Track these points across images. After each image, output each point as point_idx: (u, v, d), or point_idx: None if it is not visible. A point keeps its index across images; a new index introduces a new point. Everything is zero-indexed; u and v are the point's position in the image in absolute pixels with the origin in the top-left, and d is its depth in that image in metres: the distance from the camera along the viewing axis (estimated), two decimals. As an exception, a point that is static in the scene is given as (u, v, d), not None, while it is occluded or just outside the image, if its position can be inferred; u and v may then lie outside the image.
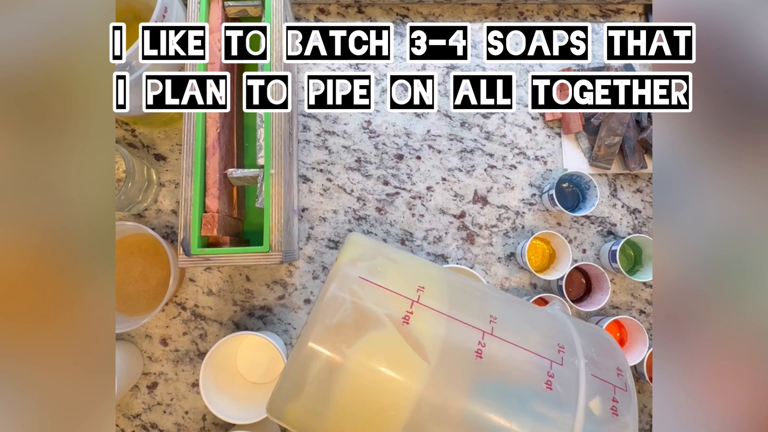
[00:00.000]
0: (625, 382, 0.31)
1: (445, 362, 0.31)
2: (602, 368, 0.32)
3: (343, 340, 0.32)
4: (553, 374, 0.30)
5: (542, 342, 0.33)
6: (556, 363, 0.31)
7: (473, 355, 0.31)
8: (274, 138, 0.52)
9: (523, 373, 0.31)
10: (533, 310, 0.39)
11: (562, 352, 0.32)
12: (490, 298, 0.37)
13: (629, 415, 0.29)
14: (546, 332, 0.34)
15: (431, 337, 0.32)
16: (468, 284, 0.39)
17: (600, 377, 0.31)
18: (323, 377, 0.31)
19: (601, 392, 0.30)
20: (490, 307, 0.35)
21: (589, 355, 0.33)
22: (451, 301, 0.34)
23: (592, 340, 0.35)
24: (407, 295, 0.34)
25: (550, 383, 0.30)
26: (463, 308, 0.34)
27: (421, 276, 0.36)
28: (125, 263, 0.59)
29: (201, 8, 0.53)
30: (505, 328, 0.33)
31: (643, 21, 0.69)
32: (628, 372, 0.32)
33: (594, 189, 0.60)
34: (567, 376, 0.31)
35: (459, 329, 0.32)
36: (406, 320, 0.32)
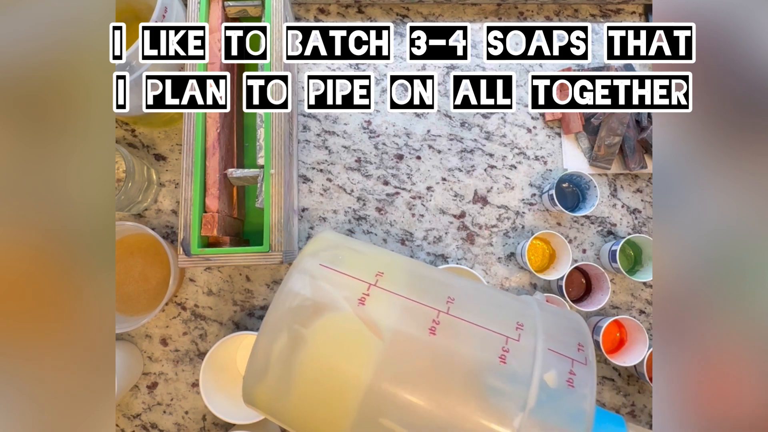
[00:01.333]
0: (585, 356, 0.31)
1: (398, 339, 0.32)
2: (561, 343, 0.32)
3: (302, 321, 0.33)
4: (508, 349, 0.31)
5: (500, 320, 0.33)
6: (512, 339, 0.32)
7: (427, 332, 0.32)
8: (274, 138, 0.52)
9: (477, 349, 0.31)
10: (497, 293, 0.39)
11: (521, 329, 0.33)
12: (452, 283, 0.38)
13: (587, 387, 0.29)
14: (506, 312, 0.35)
15: (386, 316, 0.33)
16: (432, 272, 0.39)
17: (558, 351, 0.31)
18: (284, 358, 0.33)
19: (558, 365, 0.30)
20: (449, 290, 0.36)
21: (549, 331, 0.33)
22: (410, 285, 0.35)
23: (555, 319, 0.35)
24: (365, 279, 0.35)
25: (504, 357, 0.31)
26: (422, 291, 0.35)
27: (382, 264, 0.37)
28: (125, 263, 0.59)
29: (201, 8, 0.54)
30: (463, 308, 0.34)
31: (643, 21, 0.69)
32: (590, 348, 0.33)
33: (594, 189, 0.60)
34: (523, 350, 0.31)
35: (414, 309, 0.33)
36: (362, 301, 0.34)
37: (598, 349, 0.58)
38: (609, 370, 0.62)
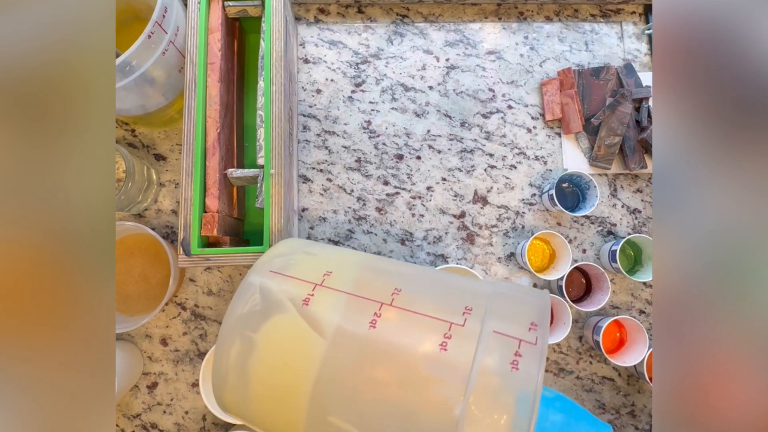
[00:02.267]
0: (536, 335, 0.30)
1: (340, 336, 0.32)
2: (511, 323, 0.31)
3: (251, 326, 0.34)
4: (450, 335, 0.31)
5: (447, 307, 0.33)
6: (456, 324, 0.31)
7: (367, 326, 0.32)
8: (274, 138, 0.52)
9: (418, 338, 0.31)
10: (452, 278, 0.38)
11: (468, 314, 0.32)
12: (404, 273, 0.38)
13: (533, 369, 0.28)
14: (456, 297, 0.34)
15: (329, 314, 0.33)
16: (385, 265, 0.39)
17: (504, 333, 0.30)
18: (239, 364, 0.34)
19: (502, 348, 0.29)
20: (398, 281, 0.36)
21: (501, 312, 0.32)
22: (357, 281, 0.35)
23: (512, 299, 0.34)
24: (312, 280, 0.36)
25: (445, 344, 0.30)
26: (368, 286, 0.35)
27: (333, 264, 0.38)
28: (125, 263, 0.59)
29: (201, 8, 0.54)
30: (408, 298, 0.34)
31: (643, 21, 0.69)
32: (544, 326, 0.31)
33: (594, 189, 0.60)
34: (466, 336, 0.31)
35: (357, 304, 0.33)
36: (306, 302, 0.34)
37: (598, 348, 0.58)
38: (609, 370, 0.62)
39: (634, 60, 0.68)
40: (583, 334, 0.62)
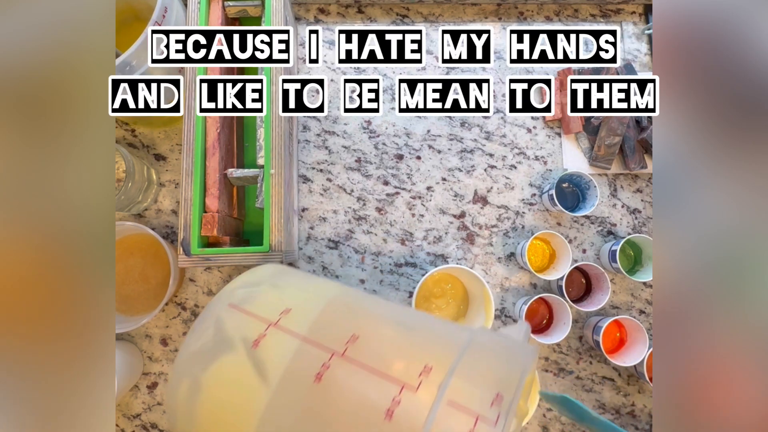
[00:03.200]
0: (498, 412, 0.25)
1: (284, 387, 0.29)
2: (473, 394, 0.26)
3: (200, 365, 0.31)
4: (399, 400, 0.26)
5: (404, 362, 0.29)
6: (409, 387, 0.27)
7: (313, 378, 0.28)
8: (274, 138, 0.52)
9: (363, 400, 0.27)
10: (426, 323, 0.34)
11: (425, 375, 0.27)
12: (370, 315, 0.34)
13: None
14: (419, 351, 0.30)
15: (276, 360, 0.30)
16: (357, 304, 0.35)
17: (462, 405, 0.26)
18: (186, 403, 0.31)
19: (455, 425, 0.25)
20: (358, 326, 0.31)
21: (466, 376, 0.27)
22: (316, 321, 0.32)
23: (484, 357, 0.29)
24: (268, 318, 0.32)
25: (392, 412, 0.26)
26: (326, 328, 0.31)
27: (295, 300, 0.34)
28: (125, 263, 0.59)
29: (201, 8, 0.54)
30: (364, 347, 0.30)
31: (643, 21, 0.69)
32: (510, 400, 0.26)
33: (594, 189, 0.60)
34: (416, 403, 0.26)
35: (308, 351, 0.30)
36: (257, 343, 0.31)
37: (598, 348, 0.58)
38: (609, 370, 0.62)
39: (634, 60, 0.68)
40: (583, 334, 0.62)
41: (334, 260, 0.62)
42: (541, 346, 0.62)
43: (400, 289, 0.62)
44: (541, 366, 0.61)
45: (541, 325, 0.62)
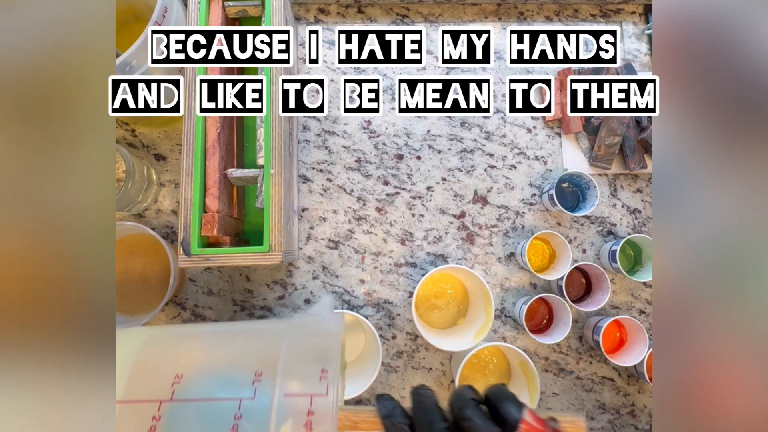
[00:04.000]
0: (326, 384, 0.28)
1: None
2: (302, 379, 0.28)
3: None
4: (240, 415, 0.27)
5: (236, 379, 0.29)
6: (246, 399, 0.28)
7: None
8: (274, 138, 0.52)
9: (208, 429, 0.28)
10: (239, 338, 0.35)
11: (258, 381, 0.29)
12: (185, 349, 0.34)
13: (326, 423, 0.26)
14: (247, 361, 0.31)
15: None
16: (170, 342, 0.35)
17: (294, 393, 0.28)
18: None
19: (295, 411, 0.27)
20: (178, 364, 0.31)
21: (291, 369, 0.29)
22: (130, 381, 0.30)
23: (301, 344, 0.31)
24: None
25: (236, 428, 0.27)
26: (142, 382, 0.30)
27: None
28: (125, 263, 0.59)
29: (201, 8, 0.54)
30: (191, 383, 0.29)
31: (643, 21, 0.69)
32: (333, 369, 0.29)
33: (594, 189, 0.60)
34: (258, 408, 0.27)
35: (129, 414, 0.29)
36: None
37: (598, 348, 0.58)
38: (609, 370, 0.62)
39: (634, 60, 0.68)
40: (583, 334, 0.62)
41: (334, 260, 0.62)
42: (541, 346, 0.62)
43: (400, 289, 0.62)
44: (541, 366, 0.61)
45: (541, 325, 0.62)
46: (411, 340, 0.61)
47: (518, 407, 0.26)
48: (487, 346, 0.54)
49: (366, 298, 0.62)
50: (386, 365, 0.61)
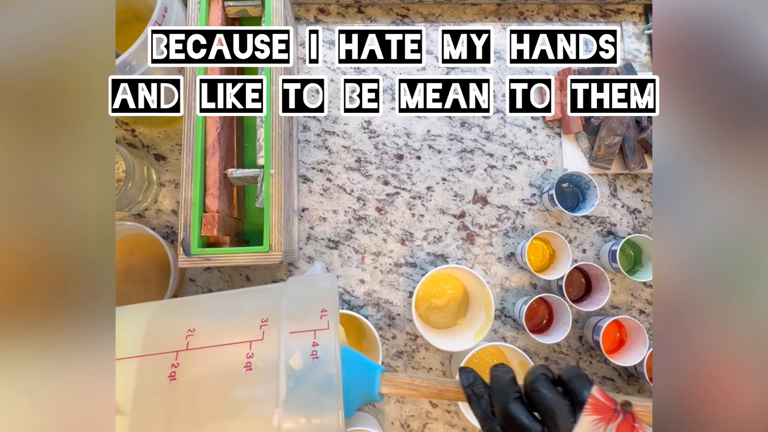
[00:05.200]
0: (327, 320, 0.31)
1: (139, 406, 0.30)
2: (304, 319, 0.32)
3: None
4: (252, 354, 0.30)
5: (244, 327, 0.32)
6: (256, 341, 0.31)
7: (167, 381, 0.30)
8: (274, 138, 0.52)
9: (223, 370, 0.30)
10: (243, 296, 0.38)
11: (265, 326, 0.32)
12: (195, 311, 0.36)
13: (330, 351, 0.29)
14: (250, 314, 0.34)
15: (120, 389, 0.30)
16: (178, 307, 0.37)
17: (299, 330, 0.31)
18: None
19: (301, 344, 0.30)
20: (189, 321, 0.34)
21: (293, 313, 0.32)
22: (145, 339, 0.33)
23: (301, 294, 0.35)
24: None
25: (249, 364, 0.30)
26: (159, 337, 0.33)
27: (124, 328, 0.34)
28: (125, 263, 0.59)
29: (201, 8, 0.54)
30: (204, 334, 0.32)
31: (643, 21, 0.69)
32: (333, 309, 0.32)
33: (594, 189, 0.60)
34: (267, 347, 0.30)
35: (149, 364, 0.31)
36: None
37: (598, 348, 0.58)
38: (609, 370, 0.62)
39: (634, 60, 0.68)
40: (583, 334, 0.62)
41: (334, 260, 0.62)
42: (541, 346, 0.62)
43: (400, 289, 0.62)
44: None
45: (541, 325, 0.62)
46: (411, 340, 0.61)
47: (589, 384, 0.28)
48: (487, 346, 0.54)
49: (366, 298, 0.62)
50: (386, 365, 0.61)
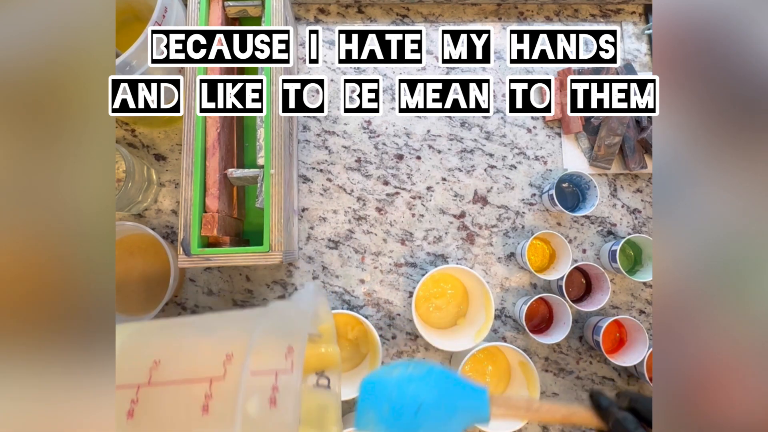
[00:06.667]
0: (291, 361, 0.29)
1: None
2: (269, 357, 0.30)
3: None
4: (211, 394, 0.28)
5: (210, 361, 0.30)
6: (216, 379, 0.29)
7: (124, 417, 0.28)
8: (274, 138, 0.52)
9: (180, 412, 0.29)
10: (218, 323, 0.37)
11: (228, 362, 0.30)
12: (167, 336, 0.35)
13: (289, 398, 0.27)
14: (219, 346, 0.31)
15: None
16: (150, 332, 0.36)
17: (260, 369, 0.29)
18: None
19: (260, 388, 0.28)
20: (158, 352, 0.32)
21: (259, 348, 0.30)
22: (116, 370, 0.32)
23: (271, 326, 0.32)
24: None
25: (207, 407, 0.28)
26: (124, 368, 0.31)
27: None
28: (125, 263, 0.59)
29: (201, 8, 0.54)
30: (169, 367, 0.31)
31: (643, 21, 0.69)
32: (299, 346, 0.30)
33: (594, 189, 0.60)
34: (227, 387, 0.29)
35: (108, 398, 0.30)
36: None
37: (598, 348, 0.58)
38: (609, 370, 0.62)
39: (634, 60, 0.68)
40: (583, 334, 0.62)
41: (334, 260, 0.62)
42: (541, 346, 0.62)
43: (400, 289, 0.62)
44: (540, 366, 0.61)
45: (541, 325, 0.62)
46: (411, 340, 0.61)
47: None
48: (487, 346, 0.54)
49: (366, 298, 0.62)
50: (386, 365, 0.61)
